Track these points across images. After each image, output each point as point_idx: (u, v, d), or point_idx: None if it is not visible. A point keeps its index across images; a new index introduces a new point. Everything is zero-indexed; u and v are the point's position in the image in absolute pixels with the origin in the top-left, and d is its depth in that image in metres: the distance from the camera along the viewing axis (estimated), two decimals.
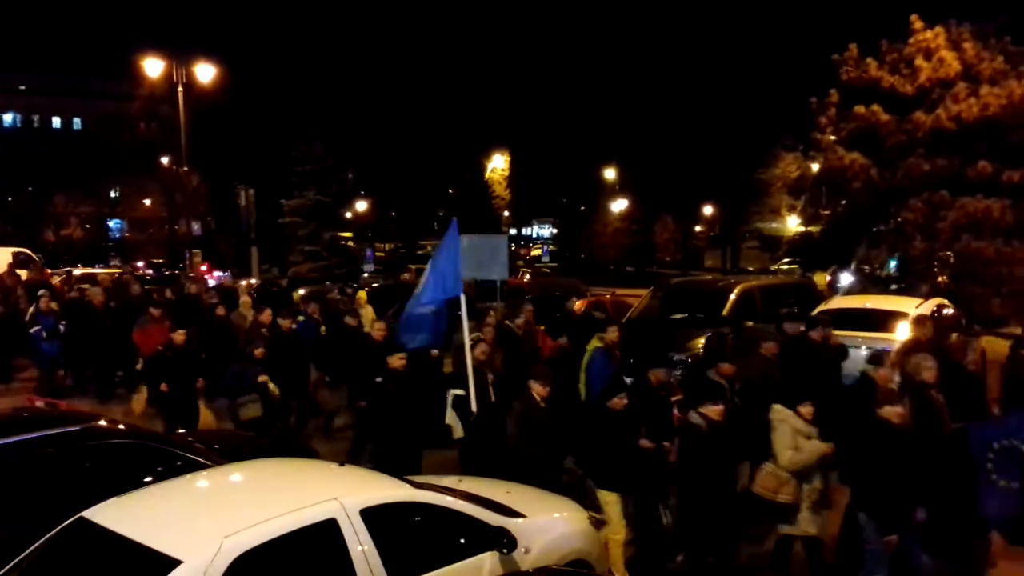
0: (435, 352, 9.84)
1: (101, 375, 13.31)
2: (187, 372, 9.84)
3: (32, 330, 13.08)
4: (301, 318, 12.28)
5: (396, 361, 8.21)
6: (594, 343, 9.44)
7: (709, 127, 50.55)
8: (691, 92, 53.50)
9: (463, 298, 8.50)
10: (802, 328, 9.68)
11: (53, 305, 13.64)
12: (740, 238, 57.23)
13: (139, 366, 11.63)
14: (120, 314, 13.38)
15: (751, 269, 47.88)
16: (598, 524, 6.25)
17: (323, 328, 12.52)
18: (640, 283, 29.72)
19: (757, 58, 56.77)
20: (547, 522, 5.85)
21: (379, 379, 8.17)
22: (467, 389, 8.03)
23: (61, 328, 13.18)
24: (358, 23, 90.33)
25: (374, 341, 9.68)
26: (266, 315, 11.25)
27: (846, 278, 24.39)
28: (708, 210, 60.37)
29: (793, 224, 45.51)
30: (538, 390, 7.20)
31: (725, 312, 12.79)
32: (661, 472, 6.95)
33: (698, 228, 62.79)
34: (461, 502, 5.35)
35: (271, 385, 9.68)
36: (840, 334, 10.07)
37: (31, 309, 13.75)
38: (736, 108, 49.72)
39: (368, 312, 13.84)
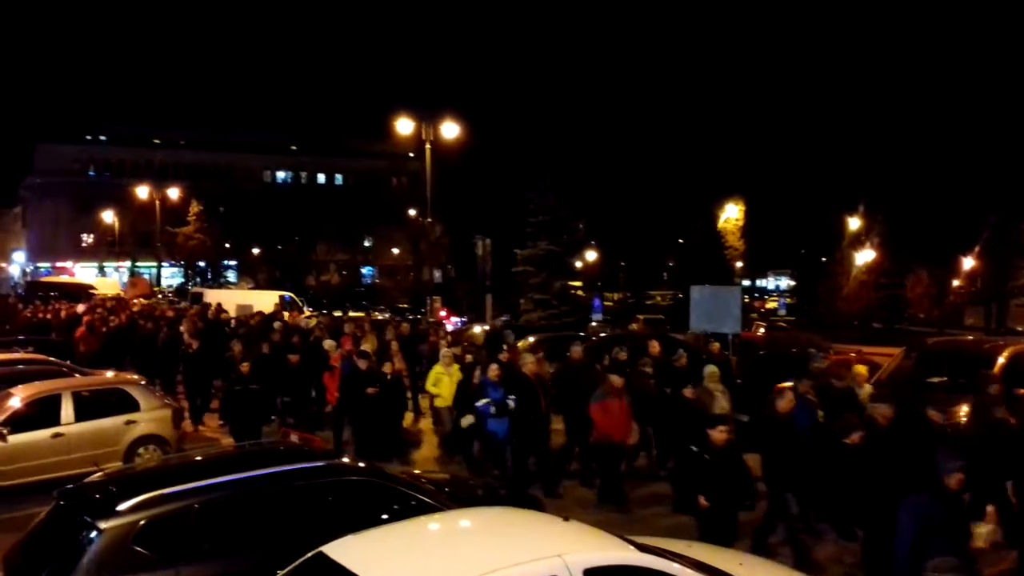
0: None
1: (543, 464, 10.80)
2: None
3: (478, 404, 10.84)
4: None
5: None
6: None
7: (973, 169, 46.15)
8: (951, 130, 49.38)
9: None
10: None
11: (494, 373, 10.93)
12: (1008, 295, 51.35)
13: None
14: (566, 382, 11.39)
15: (1021, 329, 42.74)
16: None
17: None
18: (889, 341, 27.48)
19: None
20: None
21: None
22: None
23: (511, 403, 10.55)
24: (590, 78, 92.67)
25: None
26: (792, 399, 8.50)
27: None
28: (969, 263, 54.84)
29: None
30: None
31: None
32: None
33: (957, 283, 57.12)
34: (690, 571, 5.02)
35: None
36: None
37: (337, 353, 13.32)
38: (1007, 147, 45.10)
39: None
